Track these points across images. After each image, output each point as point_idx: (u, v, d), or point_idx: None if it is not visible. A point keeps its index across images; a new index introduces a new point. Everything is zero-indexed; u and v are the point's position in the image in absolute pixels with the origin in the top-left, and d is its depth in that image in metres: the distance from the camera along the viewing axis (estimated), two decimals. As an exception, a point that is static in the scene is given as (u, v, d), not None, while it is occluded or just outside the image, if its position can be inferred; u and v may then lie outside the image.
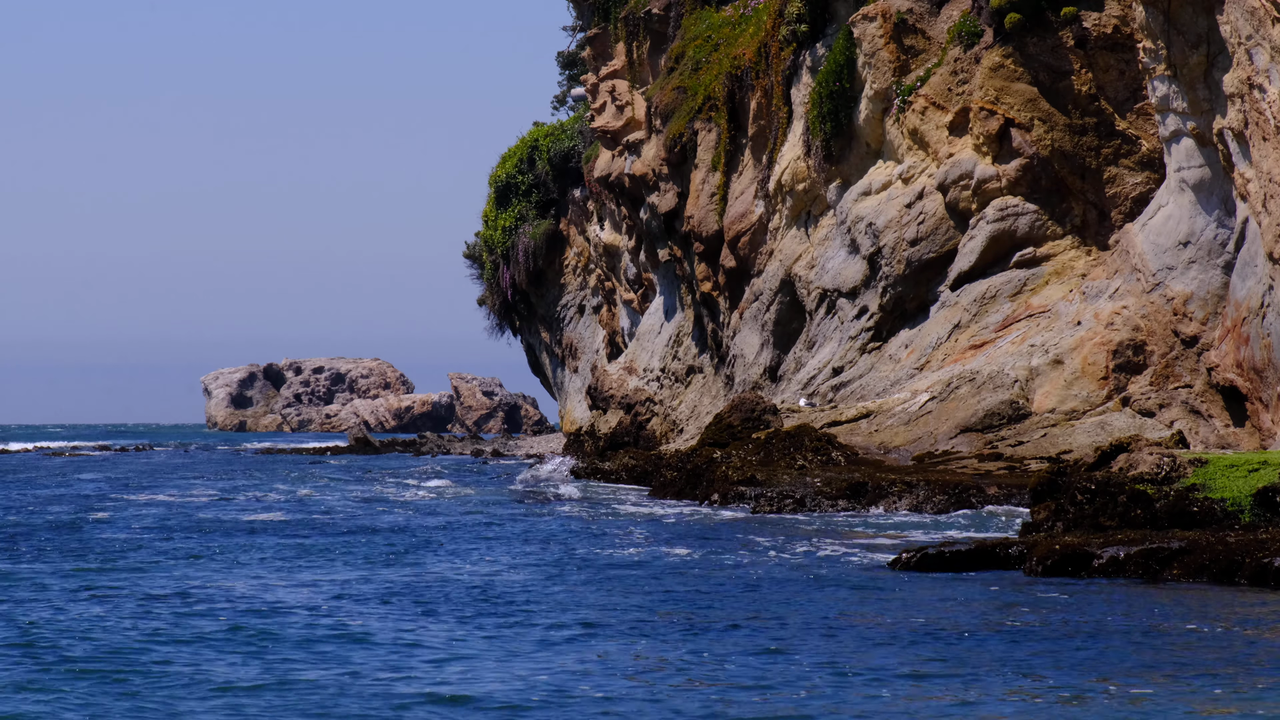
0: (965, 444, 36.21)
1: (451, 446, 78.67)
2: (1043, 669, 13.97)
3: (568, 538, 26.71)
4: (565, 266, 72.11)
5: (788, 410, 42.05)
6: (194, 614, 17.52)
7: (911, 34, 44.46)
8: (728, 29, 53.24)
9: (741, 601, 18.30)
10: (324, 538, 27.41)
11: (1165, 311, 36.96)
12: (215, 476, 53.45)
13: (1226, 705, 12.50)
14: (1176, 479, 21.38)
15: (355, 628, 16.45)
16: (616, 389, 61.16)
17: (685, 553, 23.85)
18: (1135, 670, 13.87)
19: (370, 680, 13.67)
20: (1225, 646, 14.93)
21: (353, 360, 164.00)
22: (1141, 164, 40.66)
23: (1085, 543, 20.10)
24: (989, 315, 41.00)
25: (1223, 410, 35.09)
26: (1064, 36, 40.78)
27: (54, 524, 30.76)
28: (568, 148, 69.39)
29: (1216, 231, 36.02)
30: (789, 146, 49.09)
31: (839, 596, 18.62)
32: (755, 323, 50.75)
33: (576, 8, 68.67)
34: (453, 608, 17.99)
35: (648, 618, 17.08)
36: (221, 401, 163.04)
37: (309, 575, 21.44)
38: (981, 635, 15.69)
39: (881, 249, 44.27)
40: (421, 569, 22.12)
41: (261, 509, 35.51)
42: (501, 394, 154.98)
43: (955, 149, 42.67)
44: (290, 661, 14.55)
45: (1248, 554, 19.05)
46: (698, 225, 53.15)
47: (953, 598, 18.33)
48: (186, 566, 22.67)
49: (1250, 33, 31.74)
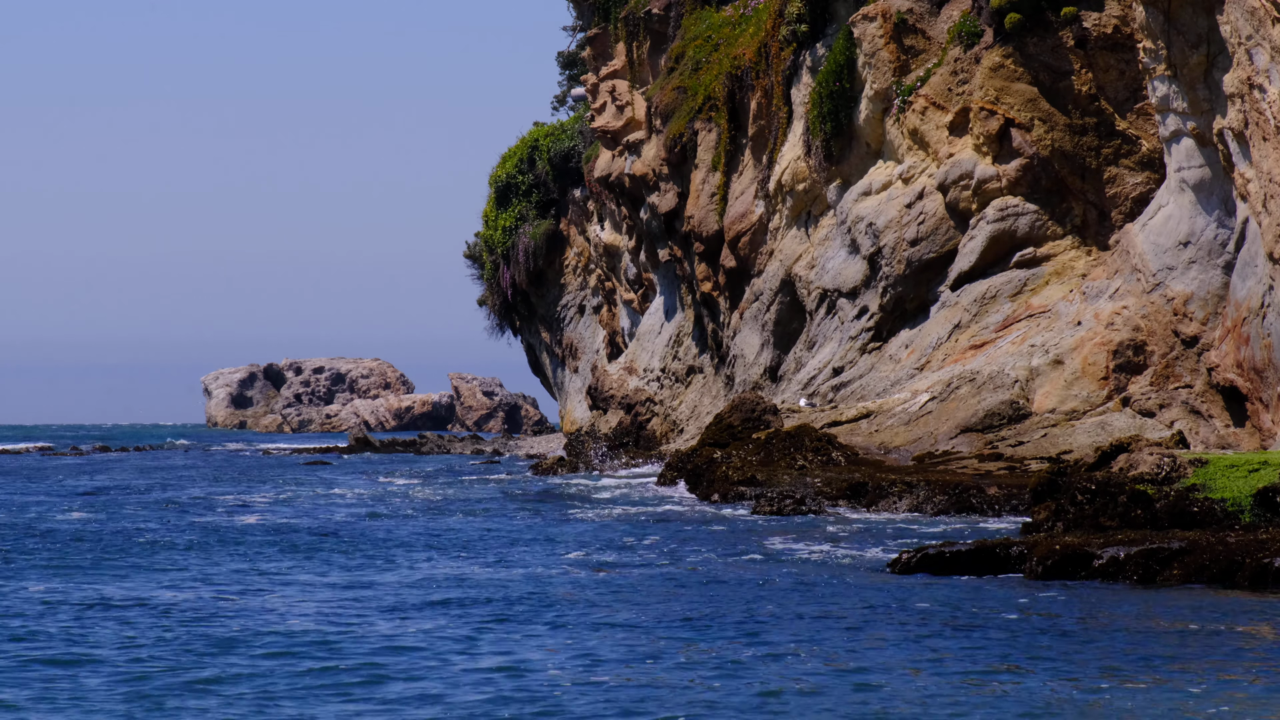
0: (965, 444, 36.20)
1: (452, 446, 78.66)
2: (1042, 668, 13.98)
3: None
4: (565, 266, 72.11)
5: (788, 410, 42.05)
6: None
7: (911, 34, 44.46)
8: (728, 29, 53.24)
9: (740, 601, 18.30)
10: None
11: (1165, 311, 36.95)
12: (237, 480, 53.32)
13: (1226, 703, 12.51)
14: (1177, 479, 21.38)
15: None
16: (617, 389, 61.16)
17: (688, 551, 23.88)
18: (1136, 669, 13.87)
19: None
20: (1225, 645, 14.93)
21: (353, 360, 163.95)
22: (1141, 164, 40.65)
23: (1085, 543, 20.10)
24: (989, 315, 41.00)
25: (1223, 410, 35.09)
26: (1064, 36, 40.78)
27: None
28: (568, 148, 69.39)
29: (1217, 231, 36.02)
30: (789, 146, 49.09)
31: (839, 596, 18.61)
32: (755, 323, 50.75)
33: (576, 8, 68.68)
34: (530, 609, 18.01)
35: (640, 617, 17.09)
36: (222, 401, 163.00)
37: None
38: (981, 635, 15.68)
39: (881, 249, 44.27)
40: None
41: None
42: (502, 394, 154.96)
43: (955, 149, 42.67)
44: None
45: (1248, 554, 19.05)
46: (698, 225, 53.16)
47: (952, 598, 18.32)
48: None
49: (1250, 33, 31.73)
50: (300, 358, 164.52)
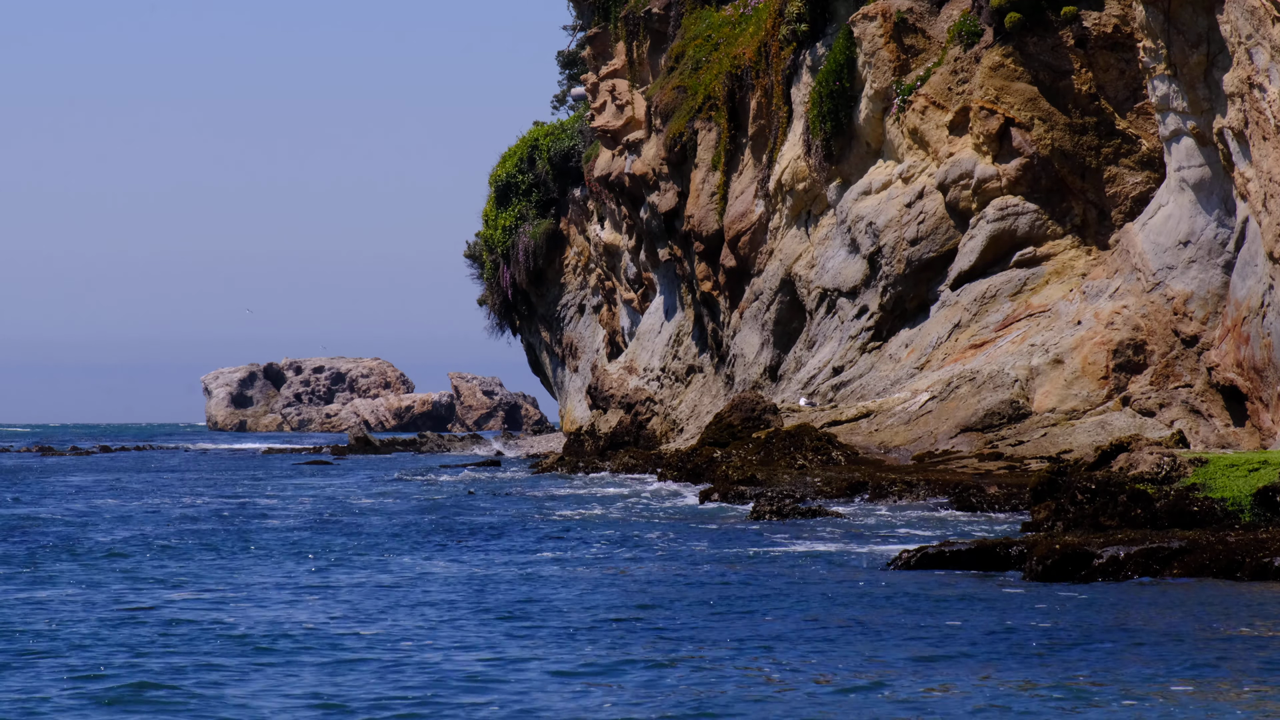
0: (965, 443, 36.21)
1: (451, 446, 78.67)
2: (1041, 667, 13.98)
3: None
4: (565, 266, 72.11)
5: (788, 410, 42.06)
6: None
7: (911, 33, 44.46)
8: (728, 28, 53.23)
9: (740, 600, 18.31)
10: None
11: (1165, 311, 36.96)
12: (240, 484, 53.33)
13: (1224, 702, 12.53)
14: (1177, 479, 21.38)
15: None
16: (617, 388, 61.17)
17: (694, 548, 23.90)
18: (1136, 668, 13.88)
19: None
20: (1225, 643, 14.95)
21: (353, 360, 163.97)
22: (1141, 163, 40.66)
23: (1085, 542, 20.10)
24: (989, 315, 41.00)
25: (1223, 410, 35.09)
26: (1064, 36, 40.78)
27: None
28: (568, 147, 69.37)
29: (1216, 231, 36.02)
30: (789, 146, 49.10)
31: (839, 595, 18.61)
32: (755, 322, 50.76)
33: (576, 7, 68.67)
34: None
35: (641, 616, 17.12)
36: (222, 401, 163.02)
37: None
38: (979, 633, 15.69)
39: (881, 248, 44.27)
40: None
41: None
42: (502, 393, 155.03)
43: (955, 148, 42.67)
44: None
45: (1248, 553, 19.07)
46: (698, 225, 53.16)
47: (951, 597, 18.32)
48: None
49: (1250, 32, 31.74)
50: (300, 357, 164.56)
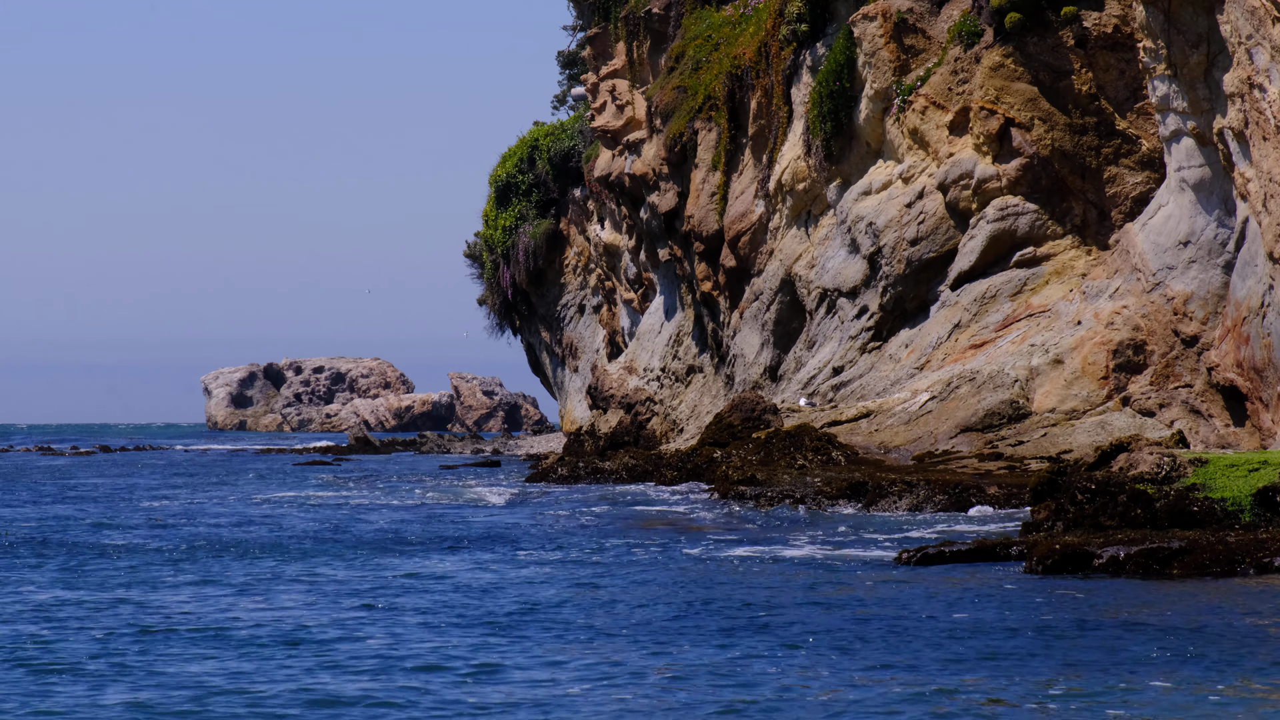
0: (965, 444, 36.21)
1: (451, 446, 78.67)
2: (1040, 666, 13.99)
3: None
4: (565, 266, 72.11)
5: (788, 410, 42.06)
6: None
7: (911, 33, 44.47)
8: (728, 28, 53.23)
9: (740, 600, 18.31)
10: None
11: (1165, 311, 36.96)
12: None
13: (1223, 698, 12.53)
14: (1176, 479, 21.39)
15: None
16: (617, 389, 61.17)
17: (690, 550, 23.91)
18: (1135, 667, 13.89)
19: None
20: (1225, 641, 14.96)
21: (353, 360, 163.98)
22: (1141, 164, 40.66)
23: (1085, 542, 20.11)
24: (989, 315, 41.01)
25: (1223, 410, 35.10)
26: (1064, 36, 40.79)
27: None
28: (568, 147, 69.38)
29: (1216, 231, 36.02)
30: (789, 146, 49.10)
31: (839, 595, 18.62)
32: (755, 322, 50.77)
33: (576, 7, 68.67)
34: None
35: (640, 616, 17.12)
36: (222, 401, 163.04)
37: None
38: (979, 632, 15.69)
39: (881, 248, 44.28)
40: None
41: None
42: (502, 393, 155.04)
43: (955, 148, 42.68)
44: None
45: (1248, 554, 19.08)
46: (698, 225, 53.17)
47: (952, 596, 18.33)
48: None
49: (1250, 32, 31.74)
50: (300, 357, 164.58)
